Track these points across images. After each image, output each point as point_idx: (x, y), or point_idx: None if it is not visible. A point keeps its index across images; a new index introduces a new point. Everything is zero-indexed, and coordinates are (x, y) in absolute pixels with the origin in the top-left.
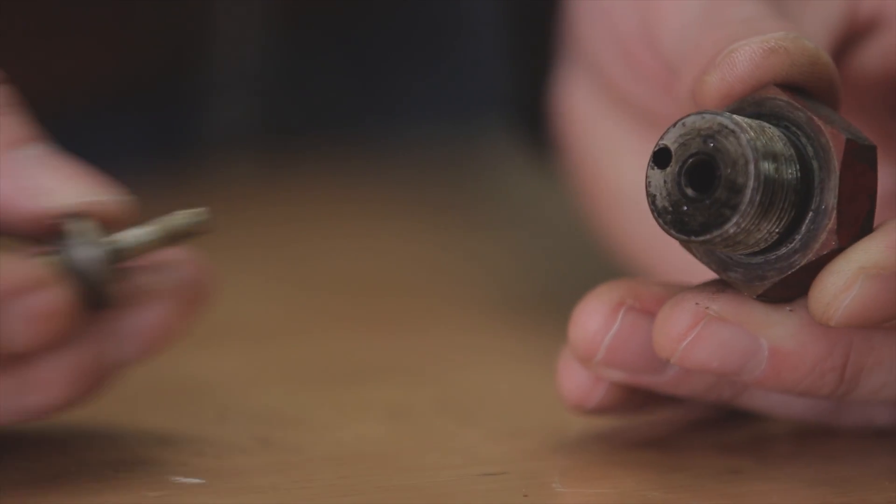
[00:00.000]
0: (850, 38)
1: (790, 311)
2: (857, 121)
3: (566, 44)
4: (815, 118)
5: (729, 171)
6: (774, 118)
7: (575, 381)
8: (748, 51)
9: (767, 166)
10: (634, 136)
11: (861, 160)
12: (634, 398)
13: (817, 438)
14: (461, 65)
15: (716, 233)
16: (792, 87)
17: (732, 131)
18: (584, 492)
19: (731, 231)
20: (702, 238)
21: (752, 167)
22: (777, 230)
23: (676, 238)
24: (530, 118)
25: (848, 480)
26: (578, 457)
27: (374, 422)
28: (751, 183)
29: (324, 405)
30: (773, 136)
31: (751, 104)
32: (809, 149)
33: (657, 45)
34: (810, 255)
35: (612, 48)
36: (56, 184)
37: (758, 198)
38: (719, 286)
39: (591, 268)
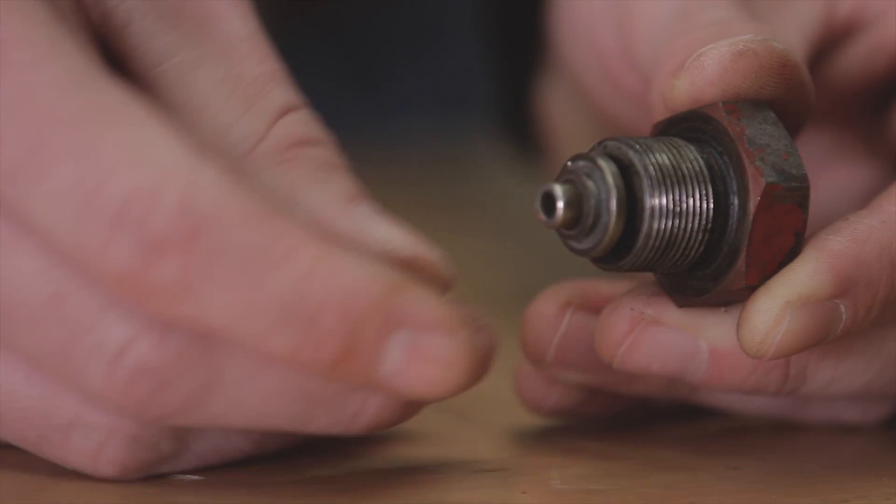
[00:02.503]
0: (828, 41)
1: (725, 311)
2: (836, 123)
3: (549, 52)
4: (742, 154)
5: (630, 214)
6: (714, 140)
7: (530, 382)
8: (716, 54)
9: (667, 214)
10: None
11: (786, 201)
12: (596, 398)
13: (817, 437)
14: (446, 68)
15: (611, 265)
16: (746, 102)
17: (642, 177)
18: (582, 489)
19: (626, 268)
20: (601, 266)
21: (646, 215)
22: (684, 264)
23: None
24: (515, 122)
25: (848, 478)
26: (577, 454)
27: None
28: (644, 231)
29: None
30: (687, 174)
31: (700, 118)
32: (734, 183)
33: (633, 59)
34: (719, 288)
35: (591, 63)
36: (393, 235)
37: (650, 244)
38: (656, 288)
39: (586, 267)
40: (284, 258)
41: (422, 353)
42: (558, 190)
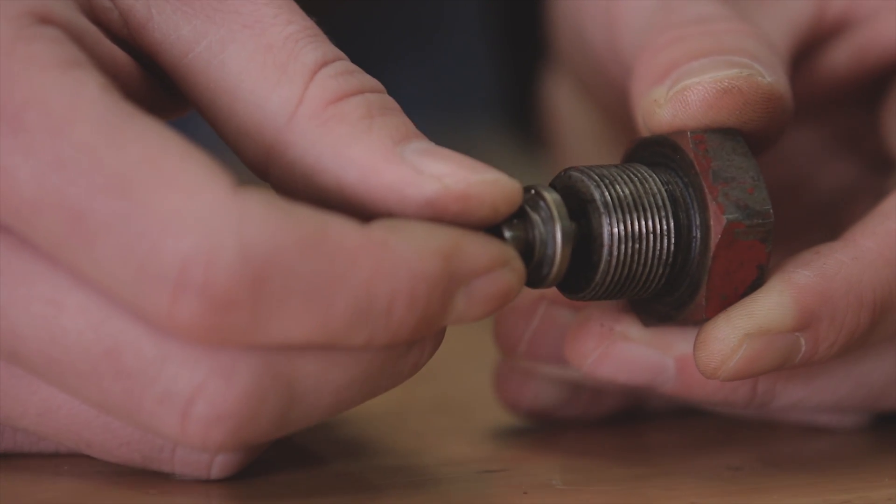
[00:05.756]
0: (819, 37)
1: (694, 326)
2: (827, 120)
3: (550, 48)
4: (706, 189)
5: (589, 248)
6: (682, 170)
7: (506, 378)
8: (701, 91)
9: (626, 249)
10: (609, 136)
11: (748, 238)
12: (575, 400)
13: (818, 437)
14: (449, 65)
15: (573, 296)
16: (717, 131)
17: (601, 213)
18: (583, 489)
19: (587, 299)
20: (565, 295)
21: (605, 251)
22: (646, 294)
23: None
24: (520, 117)
25: (848, 478)
26: (578, 455)
27: (374, 420)
28: (601, 267)
29: None
30: (649, 209)
31: (669, 146)
32: (697, 217)
33: (618, 52)
34: (680, 318)
35: (584, 59)
36: (446, 168)
37: (608, 279)
38: (626, 303)
39: None
40: (347, 270)
41: (480, 297)
42: (505, 227)
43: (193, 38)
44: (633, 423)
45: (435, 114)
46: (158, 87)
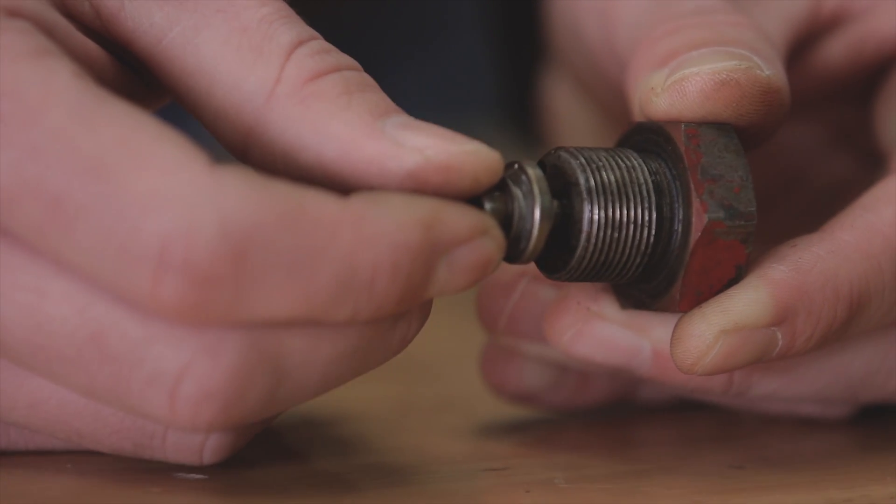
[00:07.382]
0: (814, 32)
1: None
2: (822, 115)
3: (548, 46)
4: (692, 185)
5: (569, 230)
6: (671, 162)
7: (492, 361)
8: (699, 81)
9: (605, 236)
10: (606, 132)
11: (728, 237)
12: (562, 384)
13: (819, 435)
14: (448, 64)
15: (550, 275)
16: (712, 125)
17: (583, 198)
18: (585, 487)
19: (563, 279)
20: (543, 273)
21: (583, 236)
22: (623, 280)
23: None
24: (518, 115)
25: (850, 476)
26: (580, 453)
27: (376, 418)
28: (578, 251)
29: (326, 401)
30: (633, 198)
31: (663, 135)
32: (681, 211)
33: (613, 45)
34: (655, 307)
35: (579, 55)
36: (427, 140)
37: (584, 263)
38: (606, 285)
39: None
40: (327, 243)
41: (462, 266)
42: (486, 198)
43: (166, 25)
44: (635, 421)
45: (436, 116)
46: (134, 78)
